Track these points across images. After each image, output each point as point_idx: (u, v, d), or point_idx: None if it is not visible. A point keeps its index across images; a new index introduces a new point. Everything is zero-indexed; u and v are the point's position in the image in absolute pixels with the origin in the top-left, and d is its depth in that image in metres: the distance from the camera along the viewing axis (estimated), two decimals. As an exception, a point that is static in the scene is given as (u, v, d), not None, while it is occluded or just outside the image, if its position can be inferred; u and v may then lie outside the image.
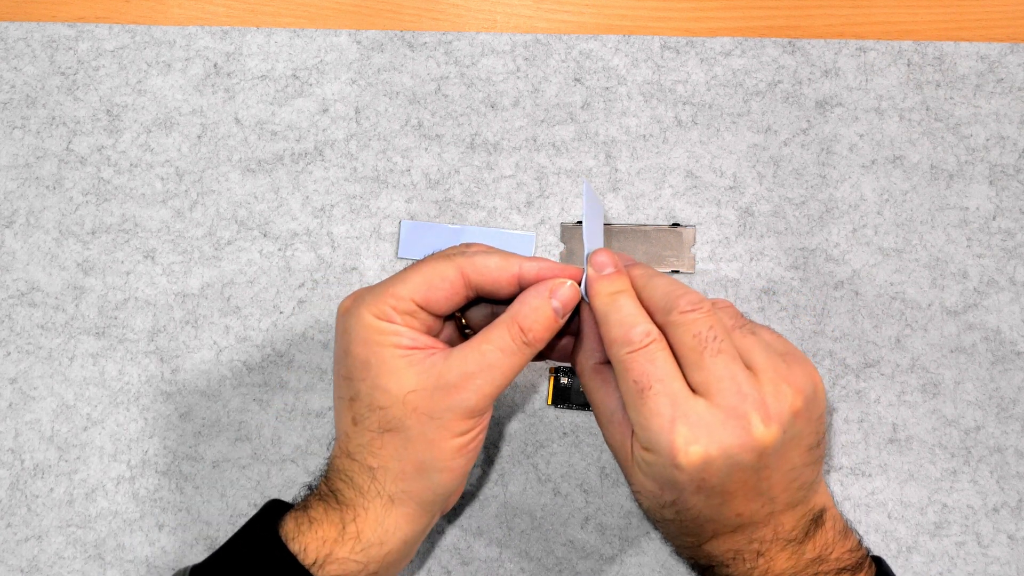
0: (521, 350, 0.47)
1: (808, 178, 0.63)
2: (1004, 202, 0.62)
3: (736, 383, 0.44)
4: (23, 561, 0.58)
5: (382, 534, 0.48)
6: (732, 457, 0.43)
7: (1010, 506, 0.58)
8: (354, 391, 0.47)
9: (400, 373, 0.46)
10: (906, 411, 0.60)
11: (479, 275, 0.47)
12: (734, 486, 0.44)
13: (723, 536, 0.47)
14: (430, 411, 0.46)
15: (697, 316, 0.45)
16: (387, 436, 0.47)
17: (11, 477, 0.59)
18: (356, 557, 0.47)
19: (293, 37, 0.66)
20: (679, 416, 0.43)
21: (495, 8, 0.66)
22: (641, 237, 0.62)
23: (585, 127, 0.64)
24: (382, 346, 0.47)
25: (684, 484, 0.44)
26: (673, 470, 0.44)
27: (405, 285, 0.47)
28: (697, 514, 0.46)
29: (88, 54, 0.65)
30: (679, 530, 0.47)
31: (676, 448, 0.43)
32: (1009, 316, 0.61)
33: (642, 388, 0.44)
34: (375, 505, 0.47)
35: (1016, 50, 0.65)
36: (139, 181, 0.63)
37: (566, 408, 0.60)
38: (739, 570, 0.47)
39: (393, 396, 0.46)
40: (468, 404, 0.46)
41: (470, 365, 0.46)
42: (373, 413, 0.47)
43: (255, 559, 0.47)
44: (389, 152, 0.64)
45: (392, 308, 0.47)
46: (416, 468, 0.47)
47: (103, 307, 0.62)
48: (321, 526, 0.47)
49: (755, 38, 0.65)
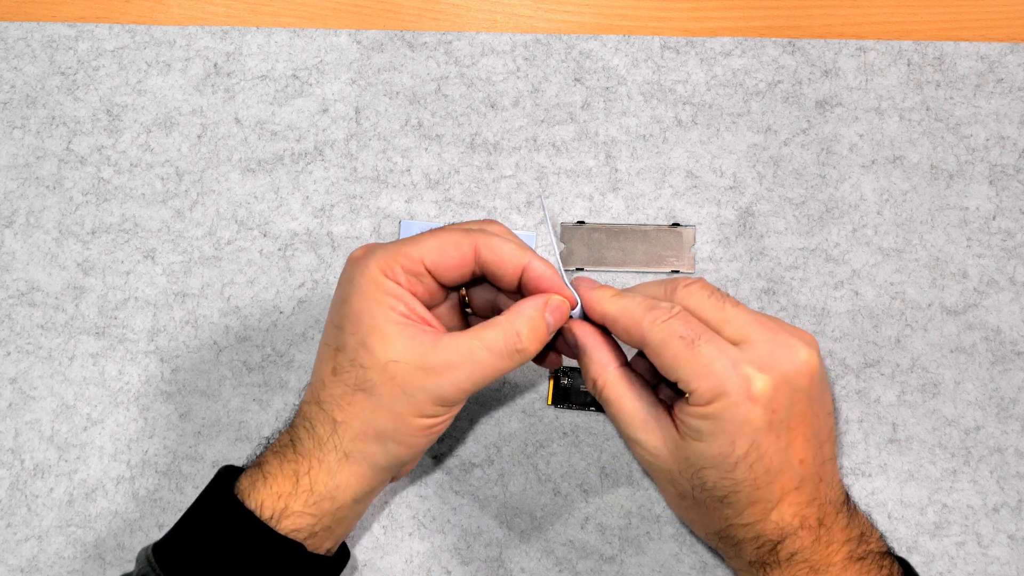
0: (510, 356, 0.48)
1: (808, 178, 0.63)
2: (1004, 202, 0.62)
3: (765, 323, 0.48)
4: (23, 561, 0.58)
5: (333, 488, 0.48)
6: (792, 382, 0.46)
7: (1010, 506, 0.58)
8: (341, 342, 0.48)
9: (389, 338, 0.47)
10: (906, 411, 0.60)
11: (491, 255, 0.48)
12: (795, 420, 0.47)
13: (789, 496, 0.47)
14: (405, 385, 0.47)
15: (699, 286, 0.49)
16: (359, 395, 0.47)
17: (11, 477, 0.59)
18: (310, 511, 0.48)
19: (293, 37, 0.66)
20: (737, 356, 0.46)
21: (495, 8, 0.66)
22: (641, 237, 0.62)
23: (585, 127, 0.64)
24: (380, 305, 0.47)
25: (757, 421, 0.46)
26: (747, 406, 0.45)
27: (418, 247, 0.48)
28: (769, 463, 0.46)
29: (88, 54, 0.65)
30: (749, 496, 0.47)
31: (748, 379, 0.45)
32: (1009, 316, 0.61)
33: (691, 341, 0.46)
34: (330, 458, 0.48)
35: (1016, 50, 0.65)
36: (139, 181, 0.63)
37: (566, 408, 0.60)
38: (804, 543, 0.47)
39: (375, 359, 0.47)
40: (442, 392, 0.47)
41: (456, 356, 0.47)
42: (353, 369, 0.47)
43: (213, 523, 0.48)
44: (389, 152, 0.64)
45: (401, 267, 0.48)
46: (376, 434, 0.48)
47: (103, 307, 0.62)
48: (276, 480, 0.48)
49: (755, 38, 0.65)
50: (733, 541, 0.49)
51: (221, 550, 0.47)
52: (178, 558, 0.48)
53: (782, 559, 0.48)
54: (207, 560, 0.47)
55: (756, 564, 0.49)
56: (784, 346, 0.47)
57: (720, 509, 0.48)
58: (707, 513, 0.49)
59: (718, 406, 0.46)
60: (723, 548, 0.51)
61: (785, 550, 0.48)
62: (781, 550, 0.48)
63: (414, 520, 0.59)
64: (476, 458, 0.59)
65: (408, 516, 0.59)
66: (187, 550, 0.48)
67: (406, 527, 0.59)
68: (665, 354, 0.47)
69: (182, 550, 0.48)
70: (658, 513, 0.58)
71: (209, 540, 0.47)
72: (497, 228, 0.50)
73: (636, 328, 0.48)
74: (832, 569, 0.47)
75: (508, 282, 0.49)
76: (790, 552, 0.48)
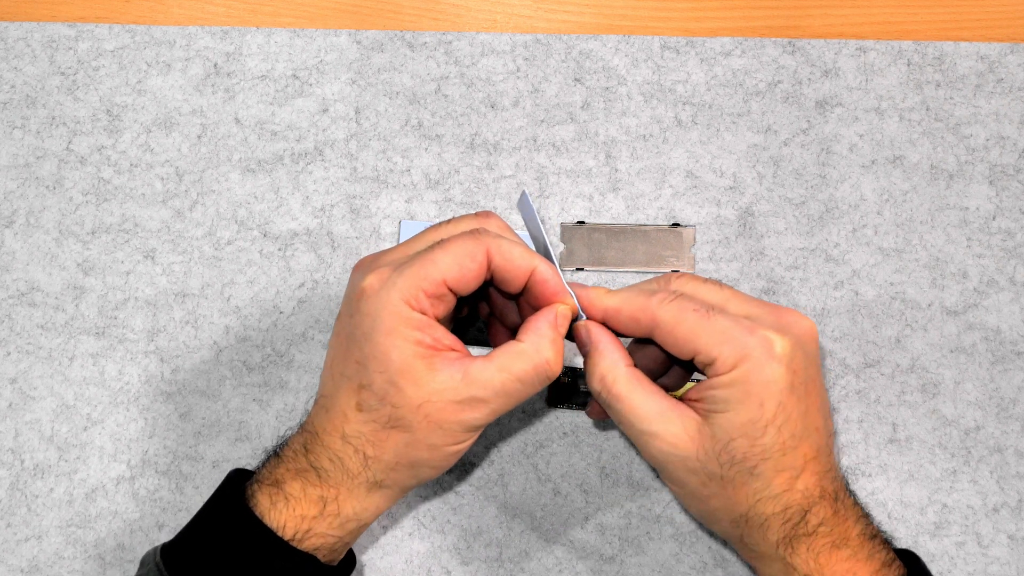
0: (541, 383, 0.48)
1: (808, 178, 0.63)
2: (1004, 202, 0.62)
3: (761, 302, 0.49)
4: (23, 561, 0.58)
5: (361, 512, 0.48)
6: (804, 346, 0.47)
7: (1010, 506, 0.58)
8: (367, 380, 0.47)
9: (419, 378, 0.46)
10: (906, 411, 0.60)
11: (503, 260, 0.48)
12: (810, 385, 0.48)
13: (810, 464, 0.48)
14: (440, 422, 0.47)
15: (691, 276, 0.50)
16: (393, 432, 0.47)
17: (11, 477, 0.59)
18: (334, 532, 0.48)
19: (293, 37, 0.66)
20: (751, 323, 0.47)
21: (495, 8, 0.66)
22: (641, 237, 0.62)
23: (585, 127, 0.64)
24: (407, 341, 0.46)
25: (782, 381, 0.46)
26: (772, 366, 0.46)
27: (436, 266, 0.47)
28: (793, 428, 0.47)
29: (88, 54, 0.65)
30: (777, 464, 0.47)
31: (769, 340, 0.46)
32: (1009, 316, 0.61)
33: (705, 313, 0.47)
34: (361, 488, 0.48)
35: (1016, 50, 0.65)
36: (139, 181, 0.63)
37: (566, 408, 0.60)
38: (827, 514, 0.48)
39: (407, 399, 0.46)
40: (477, 423, 0.47)
41: (487, 391, 0.47)
42: (383, 408, 0.47)
43: (228, 534, 0.47)
44: (389, 152, 0.64)
45: (424, 293, 0.47)
46: (410, 463, 0.48)
47: (103, 307, 0.62)
48: (300, 503, 0.47)
49: (755, 38, 0.65)
50: (760, 520, 0.48)
51: (235, 562, 0.47)
52: (189, 566, 0.47)
53: (810, 530, 0.48)
54: (220, 570, 0.47)
55: (783, 542, 0.48)
56: (788, 315, 0.48)
57: (749, 483, 0.48)
58: (735, 493, 0.48)
59: (743, 369, 0.46)
60: (748, 534, 0.50)
61: (812, 521, 0.48)
62: (809, 520, 0.48)
63: (414, 520, 0.59)
64: (476, 458, 0.59)
65: (408, 516, 0.59)
66: (199, 558, 0.47)
67: (406, 527, 0.59)
68: (680, 329, 0.47)
69: (193, 558, 0.48)
70: (658, 513, 0.58)
71: (223, 551, 0.47)
72: (496, 224, 0.50)
73: (644, 311, 0.48)
74: (851, 544, 0.48)
75: (515, 286, 0.49)
76: (816, 523, 0.48)
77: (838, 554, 0.47)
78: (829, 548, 0.47)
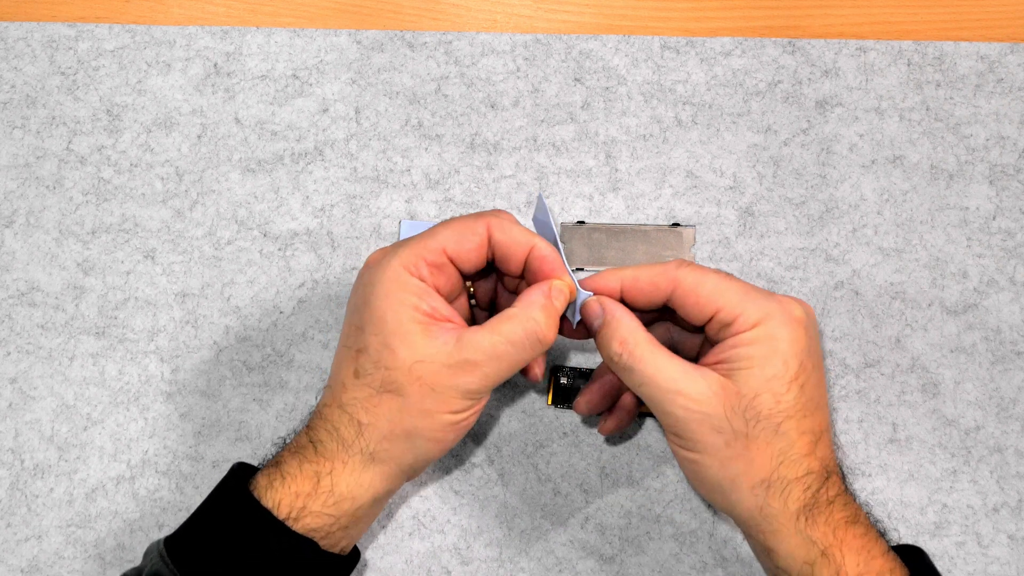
0: (532, 346, 0.48)
1: (808, 178, 0.63)
2: (1004, 202, 0.62)
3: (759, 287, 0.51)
4: (23, 561, 0.58)
5: (355, 489, 0.48)
6: (810, 316, 0.50)
7: (1010, 506, 0.58)
8: (363, 343, 0.48)
9: (413, 339, 0.47)
10: (906, 411, 0.60)
11: (503, 236, 0.49)
12: (819, 360, 0.49)
13: (824, 436, 0.49)
14: (432, 384, 0.47)
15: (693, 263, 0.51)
16: (385, 396, 0.48)
17: (11, 477, 0.59)
18: (328, 511, 0.48)
19: (293, 37, 0.66)
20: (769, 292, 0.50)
21: (495, 8, 0.66)
22: (641, 237, 0.62)
23: (585, 127, 0.64)
24: (403, 305, 0.48)
25: (802, 342, 0.48)
26: (793, 326, 0.48)
27: (436, 238, 0.49)
28: (811, 393, 0.48)
29: (88, 54, 0.65)
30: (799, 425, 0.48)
31: (787, 304, 0.49)
32: (1009, 316, 0.61)
33: (728, 276, 0.49)
34: (355, 460, 0.48)
35: (1016, 50, 0.65)
36: (139, 181, 0.63)
37: (566, 408, 0.60)
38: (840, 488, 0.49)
39: (400, 360, 0.47)
40: (470, 387, 0.48)
41: (479, 354, 0.47)
42: (378, 371, 0.48)
43: (226, 518, 0.48)
44: (389, 152, 0.64)
45: (423, 260, 0.48)
46: (405, 432, 0.48)
47: (103, 307, 0.62)
48: (295, 480, 0.48)
49: (755, 38, 0.65)
50: (783, 484, 0.48)
51: (234, 545, 0.47)
52: (190, 553, 0.48)
53: (830, 498, 0.48)
54: (220, 555, 0.47)
55: (804, 512, 0.48)
56: (787, 296, 0.50)
57: (774, 443, 0.48)
58: (759, 454, 0.48)
59: (768, 327, 0.48)
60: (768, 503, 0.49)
61: (830, 491, 0.48)
62: (828, 489, 0.48)
63: (414, 520, 0.59)
64: (476, 458, 0.59)
65: (408, 516, 0.59)
66: (199, 545, 0.48)
67: (406, 527, 0.59)
68: (703, 287, 0.49)
69: (194, 545, 0.48)
70: (658, 513, 0.58)
71: (221, 535, 0.48)
72: (505, 215, 0.51)
73: (664, 275, 0.50)
74: (862, 522, 0.48)
75: (515, 264, 0.50)
76: (833, 494, 0.48)
77: (853, 530, 0.48)
78: (845, 523, 0.48)
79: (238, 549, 0.47)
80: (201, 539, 0.48)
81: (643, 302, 0.51)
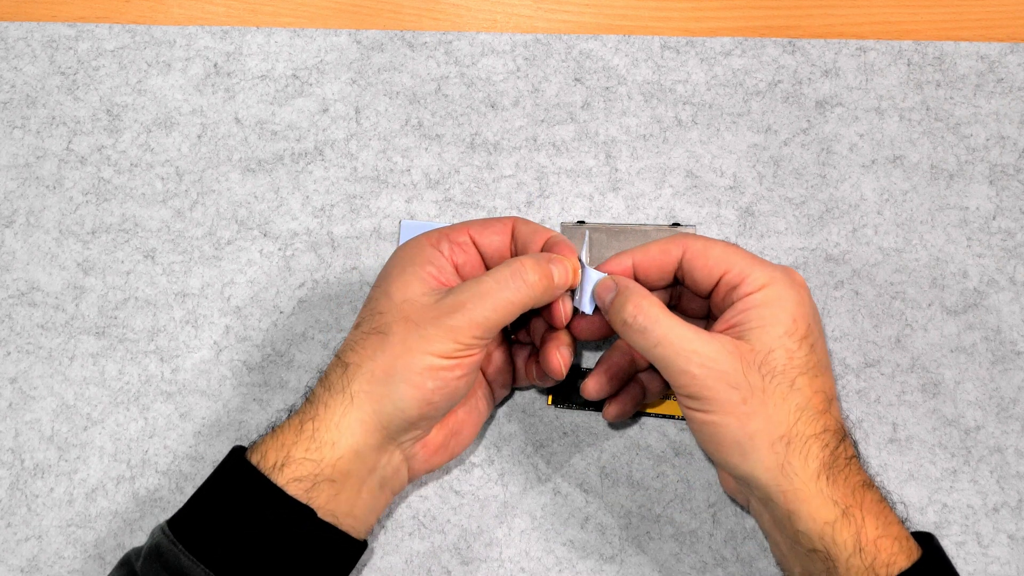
0: (519, 288, 0.49)
1: (808, 178, 0.63)
2: (1004, 202, 0.62)
3: None
4: (23, 561, 0.58)
5: (336, 434, 0.49)
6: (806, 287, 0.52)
7: (1010, 506, 0.58)
8: (368, 296, 0.52)
9: (408, 284, 0.50)
10: (906, 411, 0.60)
11: (526, 227, 0.53)
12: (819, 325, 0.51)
13: (835, 401, 0.50)
14: (418, 322, 0.49)
15: None
16: (372, 337, 0.50)
17: (11, 477, 0.59)
18: (311, 456, 0.48)
19: (293, 37, 0.66)
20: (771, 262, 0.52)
21: (495, 8, 0.66)
22: (641, 237, 0.62)
23: (585, 127, 0.64)
24: (413, 264, 0.51)
25: (807, 304, 0.50)
26: (798, 288, 0.50)
27: (462, 224, 0.53)
28: (820, 355, 0.50)
29: (88, 54, 0.65)
30: (811, 383, 0.49)
31: (790, 271, 0.51)
32: (1009, 316, 0.61)
33: (734, 244, 0.52)
34: (336, 401, 0.49)
35: (1016, 50, 0.65)
36: (139, 181, 0.63)
37: (566, 408, 0.60)
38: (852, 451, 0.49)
39: (392, 303, 0.50)
40: (454, 324, 0.49)
41: (465, 294, 0.49)
42: (373, 317, 0.50)
43: (223, 488, 0.49)
44: (389, 152, 0.64)
45: (446, 236, 0.52)
46: (385, 371, 0.49)
47: (103, 307, 0.62)
48: (282, 431, 0.49)
49: (755, 38, 0.65)
50: (803, 440, 0.48)
51: (231, 513, 0.48)
52: (190, 525, 0.49)
53: (848, 457, 0.49)
54: (218, 526, 0.48)
55: (824, 468, 0.48)
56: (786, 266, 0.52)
57: (790, 397, 0.48)
58: (776, 410, 0.48)
59: (775, 288, 0.50)
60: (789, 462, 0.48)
61: (848, 450, 0.49)
62: (846, 447, 0.49)
63: (414, 520, 0.59)
64: (476, 458, 0.59)
65: (408, 516, 0.59)
66: (198, 517, 0.49)
67: (406, 527, 0.59)
68: (712, 250, 0.51)
69: (193, 517, 0.49)
70: (658, 513, 0.58)
71: (220, 505, 0.49)
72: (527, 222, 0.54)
73: (673, 242, 0.52)
74: (874, 488, 0.49)
75: (534, 249, 0.52)
76: (850, 455, 0.49)
77: (871, 494, 0.48)
78: (862, 487, 0.48)
79: (233, 515, 0.48)
80: (198, 511, 0.49)
81: (655, 275, 0.53)
